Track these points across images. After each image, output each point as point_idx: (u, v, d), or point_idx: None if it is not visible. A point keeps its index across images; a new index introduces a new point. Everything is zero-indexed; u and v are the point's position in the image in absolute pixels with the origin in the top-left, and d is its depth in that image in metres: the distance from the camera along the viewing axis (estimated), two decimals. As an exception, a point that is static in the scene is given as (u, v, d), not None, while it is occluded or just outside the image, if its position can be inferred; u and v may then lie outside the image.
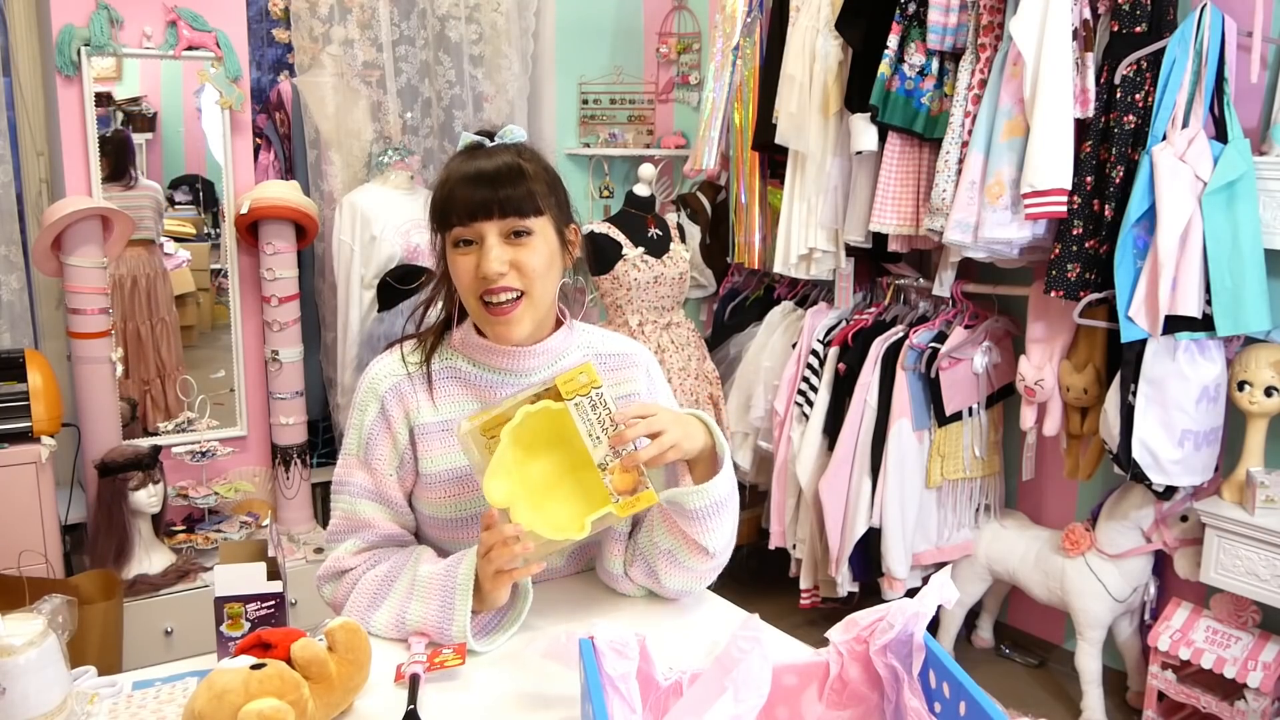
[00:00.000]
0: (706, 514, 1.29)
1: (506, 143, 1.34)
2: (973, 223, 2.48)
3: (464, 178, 1.29)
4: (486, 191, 1.27)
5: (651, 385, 1.47)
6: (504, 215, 1.28)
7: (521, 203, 1.28)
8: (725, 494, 1.30)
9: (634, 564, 1.38)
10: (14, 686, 1.00)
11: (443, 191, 1.31)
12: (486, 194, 1.27)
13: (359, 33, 3.29)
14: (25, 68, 2.97)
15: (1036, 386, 2.64)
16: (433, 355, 1.39)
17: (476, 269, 1.29)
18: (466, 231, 1.29)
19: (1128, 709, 2.71)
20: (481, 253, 1.28)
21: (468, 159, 1.32)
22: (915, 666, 0.95)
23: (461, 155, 1.33)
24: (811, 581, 3.08)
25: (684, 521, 1.29)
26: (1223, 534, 2.30)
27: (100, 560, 2.73)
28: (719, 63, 3.28)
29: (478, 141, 1.34)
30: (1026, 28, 2.32)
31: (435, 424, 1.35)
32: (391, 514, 1.37)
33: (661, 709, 0.96)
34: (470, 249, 1.30)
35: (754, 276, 3.53)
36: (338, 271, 3.18)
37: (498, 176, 1.28)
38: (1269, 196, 2.24)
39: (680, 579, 1.35)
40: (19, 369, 2.57)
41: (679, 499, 1.28)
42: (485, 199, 1.27)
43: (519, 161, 1.30)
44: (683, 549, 1.32)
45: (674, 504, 1.29)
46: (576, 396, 1.19)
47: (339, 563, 1.37)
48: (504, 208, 1.28)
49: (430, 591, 1.27)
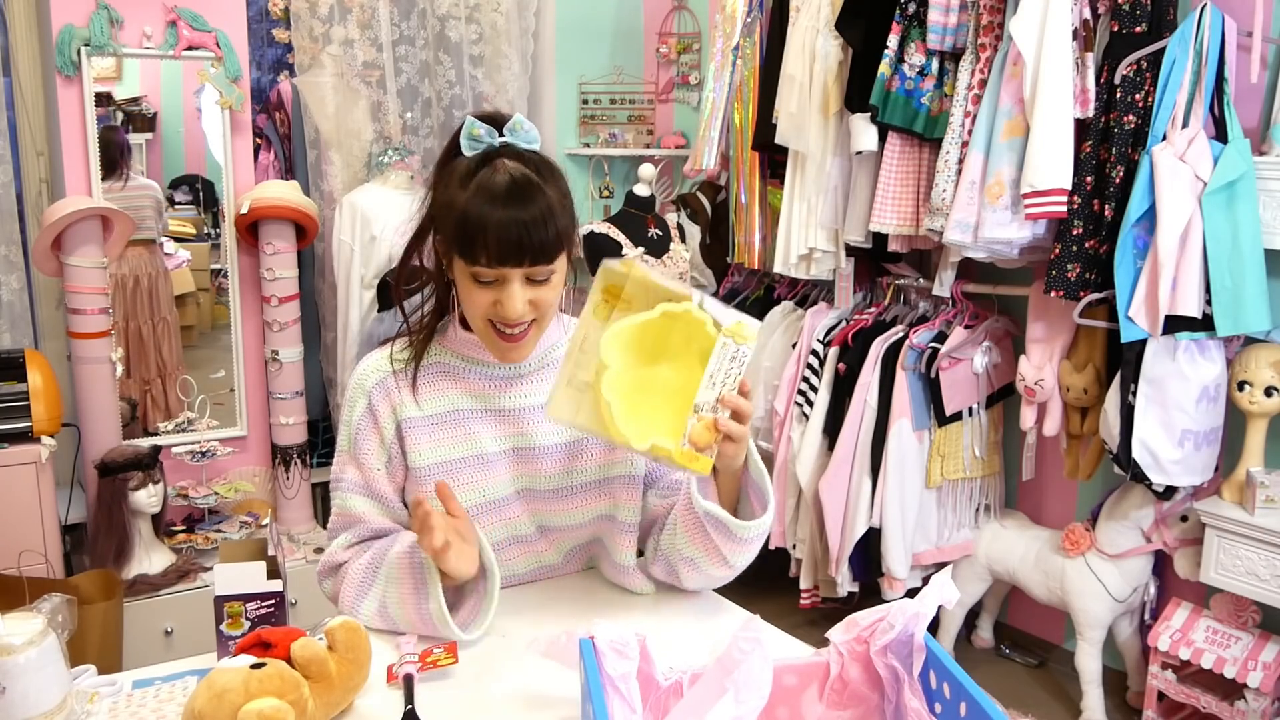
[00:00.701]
0: (748, 542, 1.31)
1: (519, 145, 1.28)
2: (973, 223, 2.48)
3: (499, 222, 1.22)
4: (518, 237, 1.22)
5: None
6: (534, 264, 1.24)
7: (550, 250, 1.24)
8: (768, 529, 1.33)
9: (655, 562, 1.40)
10: (14, 686, 1.00)
11: (469, 222, 1.23)
12: (518, 241, 1.22)
13: (359, 33, 3.29)
14: (25, 68, 2.98)
15: (1036, 386, 2.64)
16: (423, 351, 1.39)
17: (494, 305, 1.27)
18: (489, 273, 1.25)
19: (1128, 709, 2.71)
20: (504, 295, 1.25)
21: (496, 194, 1.23)
22: (915, 667, 0.95)
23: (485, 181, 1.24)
24: (811, 581, 3.08)
25: (722, 539, 1.30)
26: (1223, 534, 2.30)
27: (100, 560, 2.73)
28: (719, 63, 3.28)
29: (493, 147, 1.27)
30: (1026, 28, 2.32)
31: (422, 418, 1.36)
32: (382, 509, 1.38)
33: (662, 709, 0.96)
34: (489, 285, 1.26)
35: (754, 276, 3.53)
36: (338, 271, 3.18)
37: (531, 224, 1.22)
38: (1269, 196, 2.24)
39: (699, 581, 1.39)
40: (19, 369, 2.57)
41: (729, 523, 1.28)
42: (516, 247, 1.22)
43: (547, 200, 1.24)
44: (706, 560, 1.33)
45: (720, 523, 1.29)
46: (730, 339, 1.16)
47: (333, 557, 1.38)
48: (535, 257, 1.24)
49: (402, 572, 1.28)
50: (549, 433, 1.38)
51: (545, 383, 1.38)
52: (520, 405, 1.38)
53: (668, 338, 1.17)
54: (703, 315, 1.16)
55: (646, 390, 1.18)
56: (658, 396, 1.17)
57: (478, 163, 1.26)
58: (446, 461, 1.36)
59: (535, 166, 1.27)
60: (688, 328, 1.16)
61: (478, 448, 1.37)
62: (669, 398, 1.18)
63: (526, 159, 1.28)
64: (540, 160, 1.29)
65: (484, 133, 1.27)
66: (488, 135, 1.28)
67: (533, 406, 1.38)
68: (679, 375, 1.18)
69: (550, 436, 1.38)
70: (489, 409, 1.38)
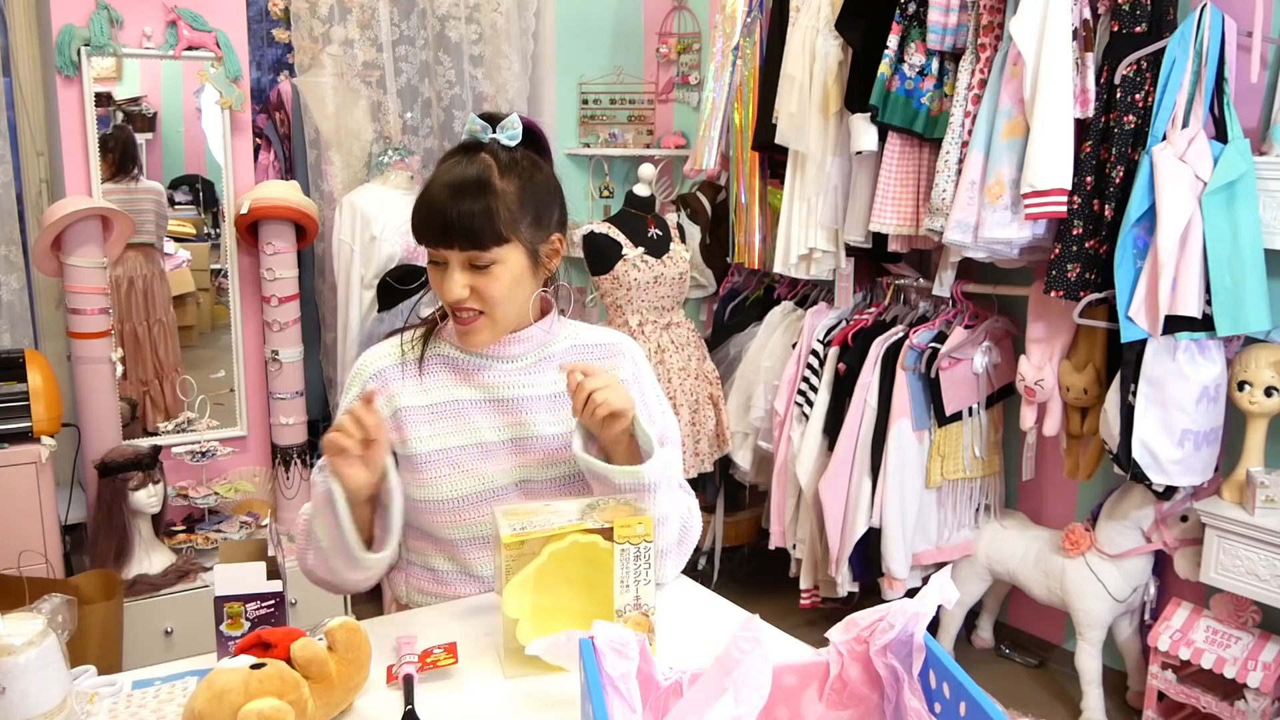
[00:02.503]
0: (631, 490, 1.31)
1: (498, 147, 1.35)
2: (973, 223, 2.48)
3: (431, 201, 1.32)
4: (445, 220, 1.31)
5: (637, 372, 1.49)
6: (463, 248, 1.32)
7: (480, 235, 1.31)
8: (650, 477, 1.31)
9: None
10: (14, 686, 1.00)
11: (420, 206, 1.34)
12: (448, 223, 1.31)
13: (359, 33, 3.29)
14: (25, 68, 2.97)
15: (1036, 386, 2.64)
16: (426, 342, 1.44)
17: (441, 288, 1.35)
18: (434, 254, 1.35)
19: (1128, 709, 2.71)
20: (446, 276, 1.34)
21: (445, 179, 1.33)
22: (915, 667, 0.95)
23: (444, 163, 1.36)
24: (811, 581, 3.08)
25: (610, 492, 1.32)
26: (1223, 534, 2.30)
27: (100, 560, 2.73)
28: (719, 63, 3.28)
29: (471, 140, 1.37)
30: (1026, 28, 2.32)
31: (422, 407, 1.40)
32: None
33: (661, 709, 0.96)
34: (439, 267, 1.35)
35: (754, 276, 3.53)
36: (338, 271, 3.17)
37: (466, 210, 1.30)
38: (1269, 196, 2.24)
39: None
40: (19, 369, 2.57)
41: (606, 474, 1.31)
42: (446, 229, 1.31)
43: (497, 191, 1.31)
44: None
45: (601, 477, 1.32)
46: (626, 543, 1.20)
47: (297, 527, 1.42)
48: (463, 240, 1.31)
49: (318, 502, 1.32)
50: (547, 423, 1.41)
51: (543, 374, 1.42)
52: (519, 395, 1.41)
53: (565, 570, 1.20)
54: (589, 536, 1.18)
55: (561, 612, 1.21)
56: (575, 613, 1.20)
57: (456, 152, 1.36)
58: (448, 449, 1.38)
59: (512, 161, 1.34)
60: (580, 554, 1.19)
61: (478, 436, 1.40)
62: (587, 609, 1.20)
63: (508, 153, 1.35)
64: (523, 157, 1.36)
65: (479, 128, 1.36)
66: (481, 131, 1.36)
67: (531, 397, 1.41)
68: (587, 587, 1.20)
69: (548, 427, 1.41)
70: (489, 399, 1.41)
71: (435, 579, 1.42)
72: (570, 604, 1.21)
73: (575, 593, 1.21)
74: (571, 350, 1.46)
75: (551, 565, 1.20)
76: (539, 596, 1.21)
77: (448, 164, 1.36)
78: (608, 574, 1.19)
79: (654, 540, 1.21)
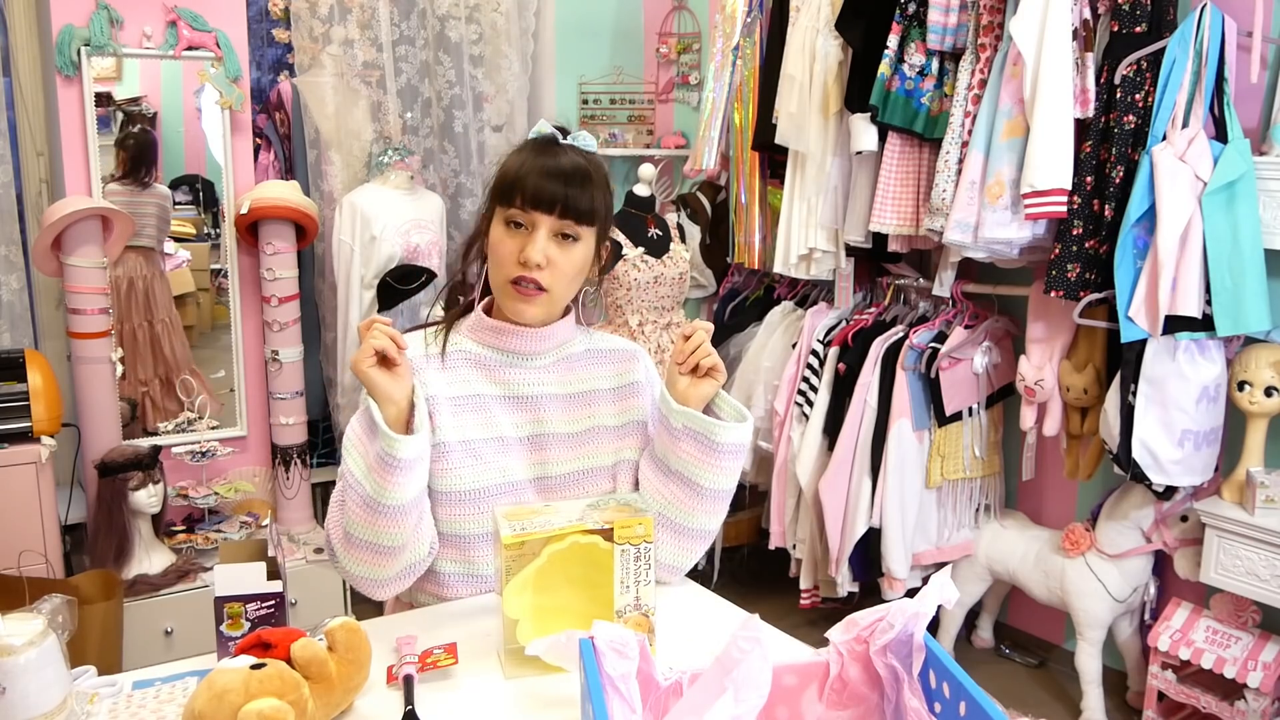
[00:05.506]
0: (728, 452, 1.37)
1: (578, 146, 1.42)
2: (973, 223, 2.48)
3: (538, 169, 1.36)
4: (555, 187, 1.35)
5: (649, 378, 1.54)
6: (563, 215, 1.36)
7: (580, 208, 1.37)
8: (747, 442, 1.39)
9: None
10: (14, 686, 1.00)
11: (514, 172, 1.37)
12: (555, 190, 1.35)
13: (359, 33, 3.29)
14: (25, 68, 2.97)
15: (1036, 386, 2.64)
16: (448, 337, 1.46)
17: (520, 251, 1.36)
18: (522, 216, 1.37)
19: (1128, 709, 2.71)
20: (529, 240, 1.36)
21: (544, 152, 1.38)
22: (915, 667, 0.95)
23: (537, 145, 1.40)
24: (811, 581, 3.08)
25: (703, 451, 1.36)
26: (1223, 534, 2.30)
27: (100, 560, 2.73)
28: (719, 63, 3.28)
29: (553, 135, 1.41)
30: (1026, 28, 2.32)
31: (447, 398, 1.41)
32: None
33: (661, 709, 0.96)
34: (519, 232, 1.37)
35: (754, 276, 3.53)
36: (338, 271, 3.17)
37: (569, 178, 1.36)
38: (1269, 196, 2.24)
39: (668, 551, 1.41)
40: (19, 369, 2.57)
41: (709, 429, 1.36)
42: (552, 194, 1.35)
43: (589, 170, 1.38)
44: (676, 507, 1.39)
45: (700, 434, 1.36)
46: (627, 544, 1.20)
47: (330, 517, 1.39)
48: (565, 208, 1.36)
49: (354, 437, 1.33)
50: (563, 422, 1.45)
51: (562, 373, 1.46)
52: (537, 394, 1.44)
53: (565, 570, 1.20)
54: (590, 537, 1.19)
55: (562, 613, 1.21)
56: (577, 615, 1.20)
57: (535, 142, 1.41)
58: (470, 440, 1.40)
59: (586, 158, 1.41)
60: (581, 554, 1.19)
61: (498, 431, 1.42)
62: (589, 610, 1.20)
63: (581, 151, 1.42)
64: (594, 162, 1.42)
65: (550, 130, 1.43)
66: (555, 135, 1.42)
67: (548, 395, 1.45)
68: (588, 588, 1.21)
69: (564, 426, 1.45)
70: (508, 396, 1.44)
71: (436, 581, 1.42)
72: (570, 605, 1.21)
73: (575, 593, 1.21)
74: (588, 355, 1.50)
75: (552, 566, 1.20)
76: (539, 597, 1.21)
77: (535, 145, 1.40)
78: (608, 575, 1.20)
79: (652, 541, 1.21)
